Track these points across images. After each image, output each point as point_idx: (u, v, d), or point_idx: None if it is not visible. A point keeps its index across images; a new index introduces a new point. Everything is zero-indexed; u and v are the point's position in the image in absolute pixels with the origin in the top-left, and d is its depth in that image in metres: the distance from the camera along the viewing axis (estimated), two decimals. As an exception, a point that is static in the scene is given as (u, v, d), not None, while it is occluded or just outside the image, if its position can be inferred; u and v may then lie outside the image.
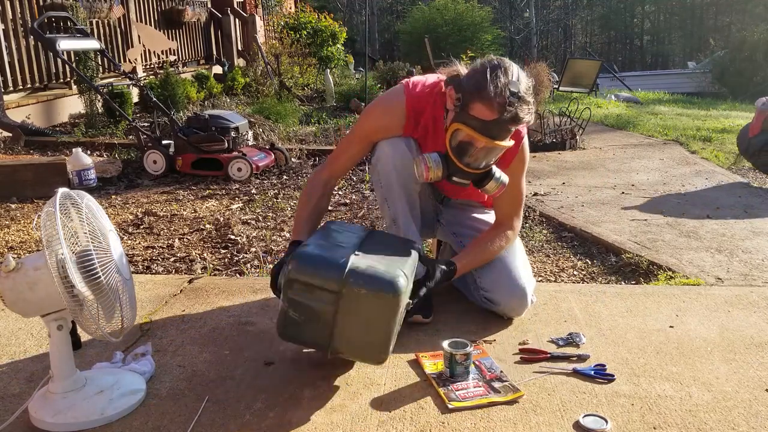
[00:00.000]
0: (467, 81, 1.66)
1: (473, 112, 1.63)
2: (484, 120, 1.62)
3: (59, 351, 1.45)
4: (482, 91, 1.60)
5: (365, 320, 1.49)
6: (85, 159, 4.01)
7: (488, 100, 1.60)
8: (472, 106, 1.63)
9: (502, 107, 1.59)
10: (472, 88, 1.63)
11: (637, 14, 31.25)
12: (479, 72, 1.64)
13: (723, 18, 27.91)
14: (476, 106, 1.62)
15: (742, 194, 3.89)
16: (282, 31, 10.12)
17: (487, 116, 1.61)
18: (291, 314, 1.51)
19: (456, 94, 1.67)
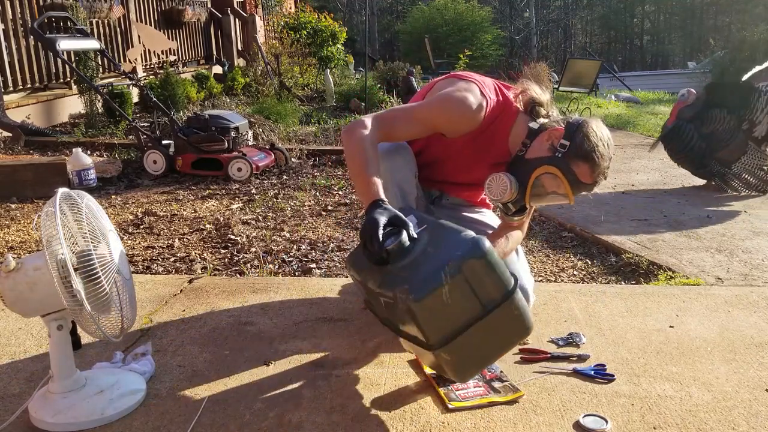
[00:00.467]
0: (579, 137, 1.72)
1: (575, 168, 1.72)
2: (580, 181, 1.74)
3: (59, 351, 1.45)
4: (590, 153, 1.71)
5: (497, 338, 1.43)
6: (85, 159, 4.01)
7: (591, 165, 1.72)
8: (576, 162, 1.72)
9: (599, 176, 1.76)
10: (583, 148, 1.71)
11: (637, 14, 31.24)
12: (593, 135, 1.72)
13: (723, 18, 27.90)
14: (581, 165, 1.72)
15: (742, 194, 3.89)
16: (282, 31, 10.12)
17: (585, 179, 1.74)
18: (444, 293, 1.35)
19: (564, 140, 1.73)
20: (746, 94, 3.94)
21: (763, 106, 3.88)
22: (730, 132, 3.90)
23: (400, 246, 1.43)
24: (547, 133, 1.78)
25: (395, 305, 1.39)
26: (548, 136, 1.77)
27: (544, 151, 1.77)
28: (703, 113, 3.95)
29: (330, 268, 2.72)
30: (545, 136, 1.78)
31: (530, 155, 1.79)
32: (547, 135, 1.77)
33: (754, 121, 3.90)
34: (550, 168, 1.74)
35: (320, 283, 2.35)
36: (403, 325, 1.45)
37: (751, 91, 3.93)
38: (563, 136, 1.74)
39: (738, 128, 3.91)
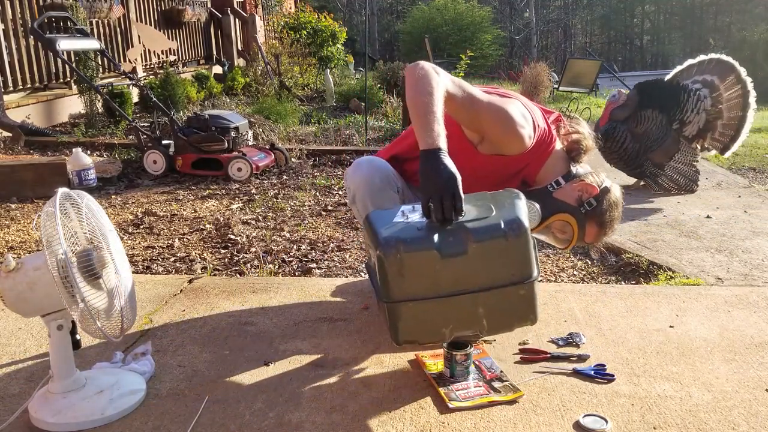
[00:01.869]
0: (605, 204, 1.84)
1: (588, 227, 1.85)
2: (585, 238, 1.88)
3: (59, 351, 1.45)
4: (608, 224, 1.86)
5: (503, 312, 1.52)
6: (85, 159, 4.01)
7: (601, 234, 1.88)
8: (591, 223, 1.85)
9: (597, 242, 1.92)
10: (605, 216, 1.85)
11: (637, 14, 31.23)
12: (615, 208, 1.86)
13: (723, 18, 27.89)
14: (594, 228, 1.86)
15: (742, 194, 3.89)
16: (282, 31, 10.12)
17: (589, 239, 1.89)
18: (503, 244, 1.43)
19: (593, 199, 1.83)
20: (676, 93, 3.93)
21: (692, 105, 3.88)
22: (663, 131, 3.90)
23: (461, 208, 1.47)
24: (582, 184, 1.85)
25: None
26: (581, 187, 1.85)
27: (572, 199, 1.85)
28: (635, 113, 3.94)
29: (330, 268, 2.72)
30: (579, 186, 1.85)
31: (558, 196, 1.86)
32: (581, 186, 1.85)
33: (685, 120, 3.90)
34: (569, 218, 1.84)
35: (320, 283, 2.35)
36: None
37: (681, 90, 3.92)
38: (594, 195, 1.83)
39: (669, 127, 3.91)
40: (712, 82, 3.94)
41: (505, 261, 1.44)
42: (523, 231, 1.43)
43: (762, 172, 4.60)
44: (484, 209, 1.49)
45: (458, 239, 1.42)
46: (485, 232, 1.42)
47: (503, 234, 1.42)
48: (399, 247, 1.42)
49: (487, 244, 1.42)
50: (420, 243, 1.43)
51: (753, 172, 4.59)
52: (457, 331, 1.51)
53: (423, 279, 1.44)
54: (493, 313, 1.48)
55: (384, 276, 1.45)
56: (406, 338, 1.51)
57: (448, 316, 1.48)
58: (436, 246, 1.42)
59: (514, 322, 1.53)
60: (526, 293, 1.46)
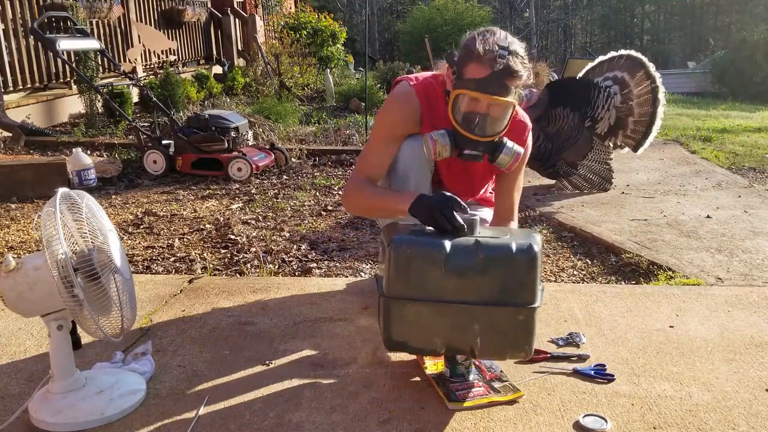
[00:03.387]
0: (459, 52, 1.70)
1: (468, 75, 1.65)
2: (479, 78, 1.63)
3: (59, 351, 1.45)
4: (471, 51, 1.64)
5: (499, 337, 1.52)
6: (85, 159, 4.01)
7: (478, 58, 1.63)
8: (465, 70, 1.66)
9: (493, 61, 1.61)
10: (462, 54, 1.68)
11: (637, 14, 31.24)
12: (468, 39, 1.70)
13: (723, 18, 27.90)
14: (469, 68, 1.65)
15: (742, 194, 3.89)
16: (282, 31, 10.12)
17: (481, 73, 1.62)
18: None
19: (452, 68, 1.71)
20: (587, 91, 3.91)
21: (603, 102, 3.86)
22: (575, 130, 3.89)
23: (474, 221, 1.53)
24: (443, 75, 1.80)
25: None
26: (446, 79, 1.75)
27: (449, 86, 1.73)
28: (547, 112, 3.92)
29: (330, 268, 2.72)
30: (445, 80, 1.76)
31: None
32: (446, 78, 1.75)
33: (596, 118, 3.88)
34: (452, 95, 1.69)
35: (320, 283, 2.35)
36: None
37: (591, 87, 3.90)
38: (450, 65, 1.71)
39: (582, 125, 3.90)
40: (622, 79, 3.90)
41: (510, 280, 1.45)
42: (533, 256, 1.44)
43: (762, 172, 4.60)
44: (501, 234, 1.54)
45: (469, 250, 1.45)
46: (496, 249, 1.45)
47: (513, 254, 1.44)
48: (410, 245, 1.45)
49: (495, 259, 1.44)
50: (430, 245, 1.46)
51: (753, 172, 4.59)
52: (448, 344, 1.51)
53: (426, 280, 1.45)
54: (488, 332, 1.47)
55: (389, 271, 1.46)
56: (397, 338, 1.51)
57: (443, 325, 1.48)
58: (446, 251, 1.44)
59: (507, 349, 1.51)
60: (524, 319, 1.46)
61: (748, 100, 12.06)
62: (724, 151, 5.31)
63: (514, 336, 1.48)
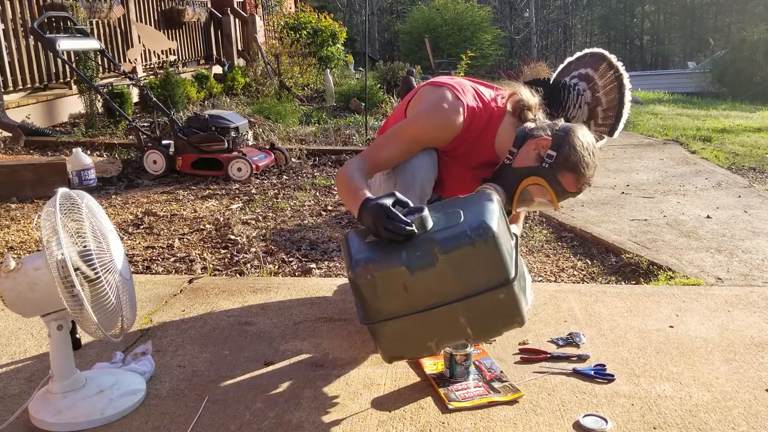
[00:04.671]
0: (565, 148, 1.75)
1: (561, 178, 1.75)
2: (567, 190, 1.78)
3: (59, 351, 1.45)
4: (575, 165, 1.75)
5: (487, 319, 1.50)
6: (85, 159, 4.01)
7: (579, 178, 1.76)
8: (563, 173, 1.75)
9: (583, 187, 1.79)
10: (570, 160, 1.74)
11: (637, 14, 31.24)
12: (579, 146, 1.75)
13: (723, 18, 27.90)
14: (567, 176, 1.76)
15: (742, 194, 3.89)
16: (282, 31, 10.12)
17: (570, 188, 1.78)
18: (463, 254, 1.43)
19: (551, 150, 1.75)
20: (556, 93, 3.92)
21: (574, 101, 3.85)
22: None
23: (424, 217, 1.46)
24: (534, 142, 1.79)
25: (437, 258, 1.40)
26: (535, 145, 1.79)
27: (531, 160, 1.78)
28: None
29: (330, 268, 2.72)
30: (532, 145, 1.79)
31: (517, 164, 1.81)
32: (534, 144, 1.79)
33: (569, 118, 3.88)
34: (537, 179, 1.77)
35: (320, 283, 2.35)
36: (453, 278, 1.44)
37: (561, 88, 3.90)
38: (550, 146, 1.76)
39: None
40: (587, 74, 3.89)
41: (477, 267, 1.41)
42: (490, 235, 1.39)
43: (762, 172, 4.60)
44: (453, 216, 1.48)
45: (427, 252, 1.40)
46: (452, 241, 1.40)
47: (470, 240, 1.39)
48: (369, 269, 1.41)
49: (455, 253, 1.39)
50: (388, 261, 1.41)
51: (753, 172, 4.59)
52: (443, 343, 1.50)
53: (397, 296, 1.42)
54: (476, 320, 1.45)
55: (359, 298, 1.45)
56: (392, 355, 1.52)
57: (431, 330, 1.46)
58: (405, 262, 1.40)
59: (500, 326, 1.50)
60: (506, 296, 1.43)
61: (748, 100, 12.06)
62: (724, 151, 5.31)
63: (502, 313, 1.46)
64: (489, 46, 17.81)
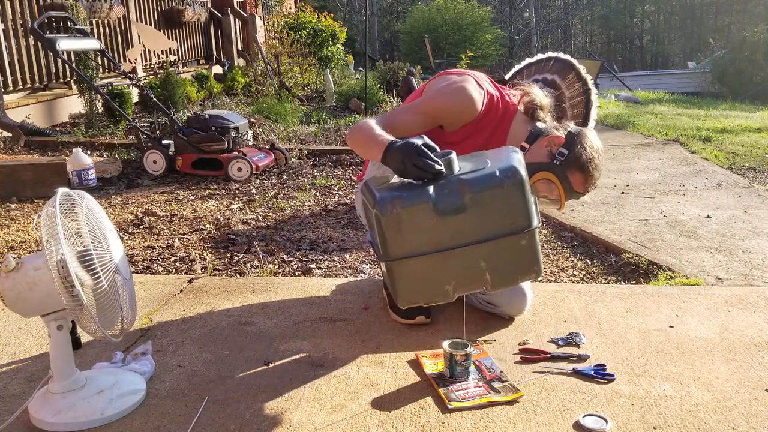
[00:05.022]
0: (577, 147, 1.78)
1: (570, 177, 1.78)
2: (574, 190, 1.80)
3: (59, 351, 1.45)
4: (583, 165, 1.78)
5: (507, 264, 1.50)
6: (85, 159, 4.01)
7: (588, 178, 1.79)
8: (573, 171, 1.78)
9: (590, 187, 1.82)
10: (581, 159, 1.77)
11: (637, 14, 31.24)
12: (590, 147, 1.79)
13: (723, 18, 27.90)
14: (576, 175, 1.78)
15: (742, 194, 3.89)
16: (282, 31, 10.12)
17: (578, 188, 1.80)
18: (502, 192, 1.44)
19: (563, 148, 1.78)
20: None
21: None
22: None
23: (451, 159, 1.46)
24: (547, 139, 1.82)
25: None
26: (548, 142, 1.81)
27: (543, 156, 1.80)
28: None
29: (330, 268, 2.72)
30: (545, 142, 1.82)
31: (528, 159, 1.81)
32: (547, 141, 1.82)
33: None
34: (547, 174, 1.79)
35: (320, 283, 2.35)
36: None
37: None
38: (563, 144, 1.78)
39: None
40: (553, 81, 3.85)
41: (503, 210, 1.42)
42: (519, 178, 1.41)
43: (762, 172, 4.60)
44: (480, 162, 1.49)
45: (454, 191, 1.41)
46: (481, 182, 1.41)
47: (499, 182, 1.40)
48: (395, 203, 1.40)
49: (483, 193, 1.40)
50: (415, 197, 1.41)
51: (753, 172, 4.59)
52: (460, 288, 1.48)
53: (421, 234, 1.41)
54: (496, 266, 1.45)
55: (382, 234, 1.43)
56: (408, 299, 1.49)
57: (450, 272, 1.45)
58: (432, 199, 1.40)
59: (518, 274, 1.50)
60: (527, 243, 1.44)
61: (748, 100, 12.06)
62: (724, 151, 5.31)
63: (521, 260, 1.46)
64: (489, 46, 17.81)
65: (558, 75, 2.69)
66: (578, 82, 2.45)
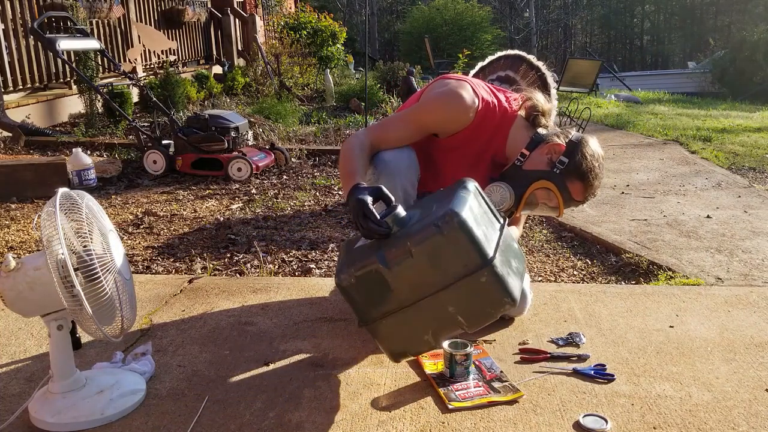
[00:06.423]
0: (578, 156, 1.78)
1: (570, 185, 1.79)
2: (574, 198, 1.82)
3: (59, 351, 1.45)
4: (584, 175, 1.79)
5: (473, 306, 1.48)
6: (85, 159, 4.01)
7: (587, 187, 1.81)
8: (572, 180, 1.79)
9: (589, 196, 1.84)
10: (581, 168, 1.78)
11: (637, 14, 31.24)
12: (591, 156, 1.79)
13: (723, 18, 27.90)
14: (576, 184, 1.79)
15: (742, 194, 3.89)
16: (282, 31, 10.12)
17: (577, 197, 1.82)
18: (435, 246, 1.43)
19: (563, 156, 1.78)
20: None
21: None
22: None
23: (397, 214, 1.48)
24: (548, 146, 1.81)
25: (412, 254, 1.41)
26: (548, 149, 1.81)
27: (543, 164, 1.80)
28: None
29: (330, 268, 2.72)
30: (545, 149, 1.81)
31: (528, 166, 1.82)
32: (548, 149, 1.81)
33: None
34: (547, 183, 1.79)
35: (320, 283, 2.35)
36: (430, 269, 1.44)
37: None
38: (563, 152, 1.78)
39: None
40: (507, 76, 3.84)
41: (451, 255, 1.41)
42: (456, 221, 1.38)
43: (762, 172, 4.60)
44: (427, 209, 1.50)
45: (401, 247, 1.42)
46: (421, 233, 1.41)
47: (438, 230, 1.39)
48: (349, 272, 1.45)
49: (426, 244, 1.40)
50: (366, 260, 1.44)
51: (753, 172, 4.59)
52: (439, 335, 1.50)
53: (383, 294, 1.45)
54: (465, 308, 1.45)
55: (350, 301, 1.48)
56: (396, 354, 1.54)
57: (424, 323, 1.47)
58: (381, 260, 1.42)
59: (490, 310, 1.48)
60: (487, 279, 1.41)
61: (748, 100, 12.06)
62: (724, 151, 5.31)
63: (489, 296, 1.44)
64: (489, 46, 17.80)
65: (510, 69, 2.69)
66: (531, 70, 2.45)
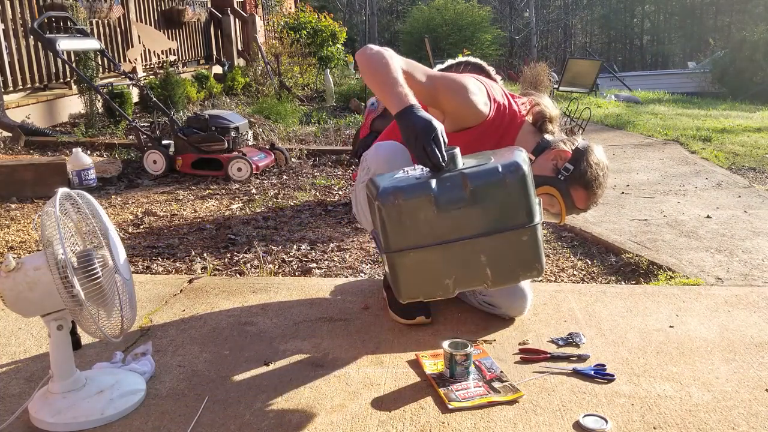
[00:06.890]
0: (583, 164, 1.77)
1: (573, 193, 1.79)
2: (577, 206, 1.82)
3: (59, 351, 1.45)
4: (589, 183, 1.78)
5: (509, 260, 1.49)
6: (85, 159, 4.00)
7: (591, 196, 1.81)
8: (576, 188, 1.78)
9: (592, 205, 1.84)
10: (586, 176, 1.77)
11: (637, 14, 31.25)
12: (596, 165, 1.78)
13: (723, 18, 27.90)
14: (580, 192, 1.79)
15: (742, 194, 3.89)
16: (282, 31, 10.12)
17: (580, 205, 1.82)
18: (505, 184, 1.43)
19: (569, 164, 1.78)
20: None
21: None
22: None
23: (455, 154, 1.47)
24: (554, 152, 1.81)
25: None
26: (554, 155, 1.81)
27: (548, 170, 1.80)
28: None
29: (330, 268, 2.72)
30: (551, 155, 1.81)
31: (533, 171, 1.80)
32: (553, 155, 1.81)
33: None
34: (551, 189, 1.78)
35: (320, 283, 2.35)
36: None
37: None
38: (569, 159, 1.78)
39: None
40: None
41: (505, 205, 1.41)
42: (521, 173, 1.40)
43: (762, 172, 4.60)
44: (483, 159, 1.50)
45: (456, 185, 1.41)
46: (483, 176, 1.41)
47: (501, 177, 1.40)
48: (396, 195, 1.40)
49: (485, 187, 1.40)
50: (417, 190, 1.41)
51: (753, 172, 4.59)
52: (461, 283, 1.48)
53: (422, 226, 1.41)
54: (497, 261, 1.44)
55: (383, 226, 1.43)
56: (409, 292, 1.49)
57: (451, 266, 1.45)
58: (434, 192, 1.40)
59: (519, 272, 1.48)
60: (528, 239, 1.42)
61: (748, 100, 12.06)
62: (724, 151, 5.31)
63: (523, 257, 1.45)
64: (489, 46, 17.80)
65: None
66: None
